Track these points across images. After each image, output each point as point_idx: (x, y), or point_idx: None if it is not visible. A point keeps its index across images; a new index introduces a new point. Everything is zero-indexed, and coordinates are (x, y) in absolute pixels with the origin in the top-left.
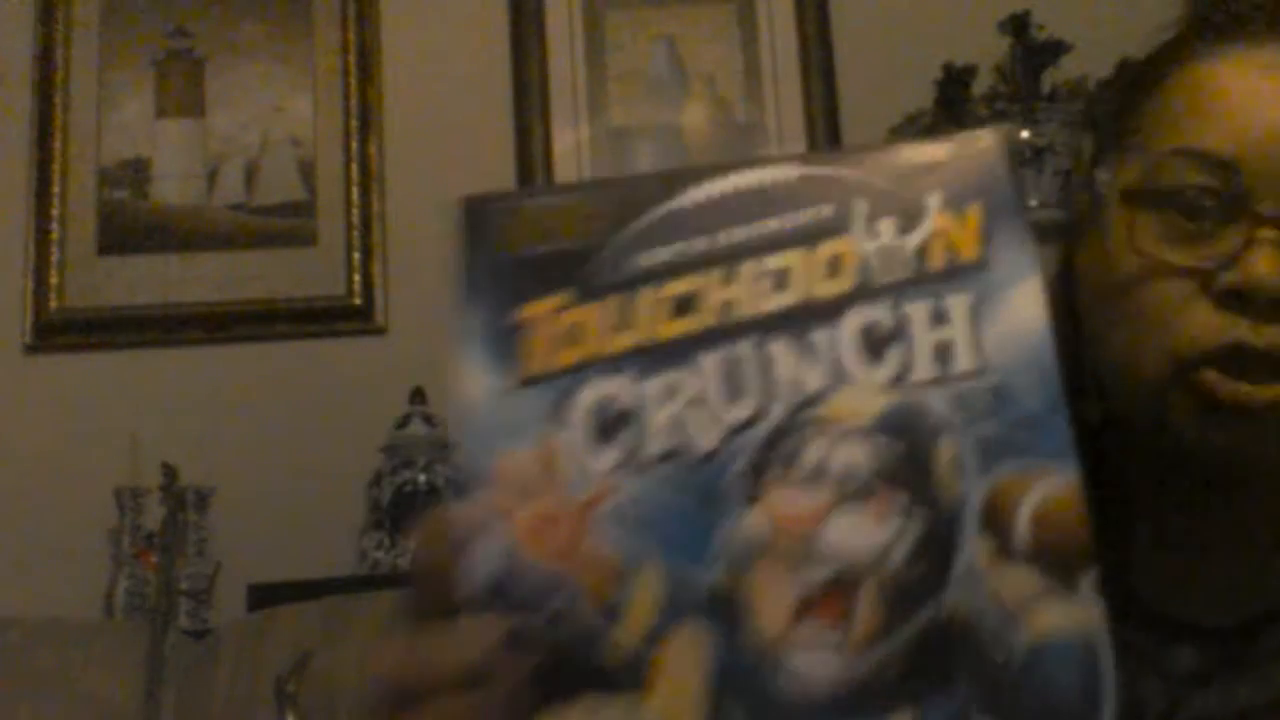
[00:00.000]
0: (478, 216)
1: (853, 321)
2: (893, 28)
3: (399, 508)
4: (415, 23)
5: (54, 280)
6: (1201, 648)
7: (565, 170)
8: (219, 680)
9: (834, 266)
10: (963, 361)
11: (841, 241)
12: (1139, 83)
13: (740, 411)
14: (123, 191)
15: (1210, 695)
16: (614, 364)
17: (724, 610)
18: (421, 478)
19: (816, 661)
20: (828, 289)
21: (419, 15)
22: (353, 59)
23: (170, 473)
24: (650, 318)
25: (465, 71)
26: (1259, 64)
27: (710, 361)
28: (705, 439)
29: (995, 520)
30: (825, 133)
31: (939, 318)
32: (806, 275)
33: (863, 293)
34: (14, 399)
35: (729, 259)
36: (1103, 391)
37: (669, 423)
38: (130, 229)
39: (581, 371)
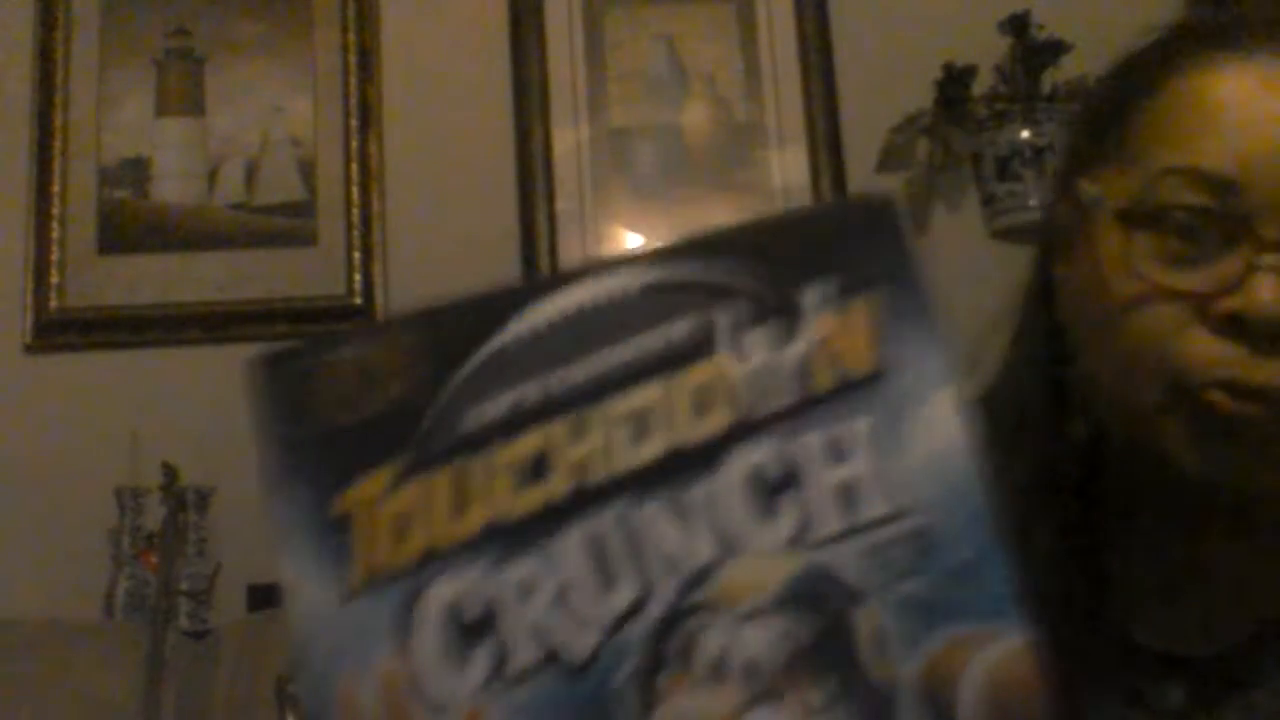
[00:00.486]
0: (278, 380)
1: (735, 469)
2: (893, 28)
3: None
4: (415, 22)
5: (54, 280)
6: (1189, 680)
7: (566, 170)
8: (219, 680)
9: (702, 400)
10: (872, 505)
11: (707, 366)
12: (1127, 91)
13: (617, 601)
14: (123, 191)
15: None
16: (454, 560)
17: None
18: None
19: None
20: (698, 430)
21: (419, 15)
22: (353, 58)
23: (170, 473)
24: (494, 490)
25: (465, 71)
26: (1257, 76)
27: (572, 541)
28: (580, 641)
29: (936, 702)
30: (825, 132)
31: (836, 453)
32: (669, 415)
33: (742, 430)
34: (14, 399)
35: (574, 405)
36: (1088, 409)
37: (535, 625)
38: (130, 228)
39: (425, 567)
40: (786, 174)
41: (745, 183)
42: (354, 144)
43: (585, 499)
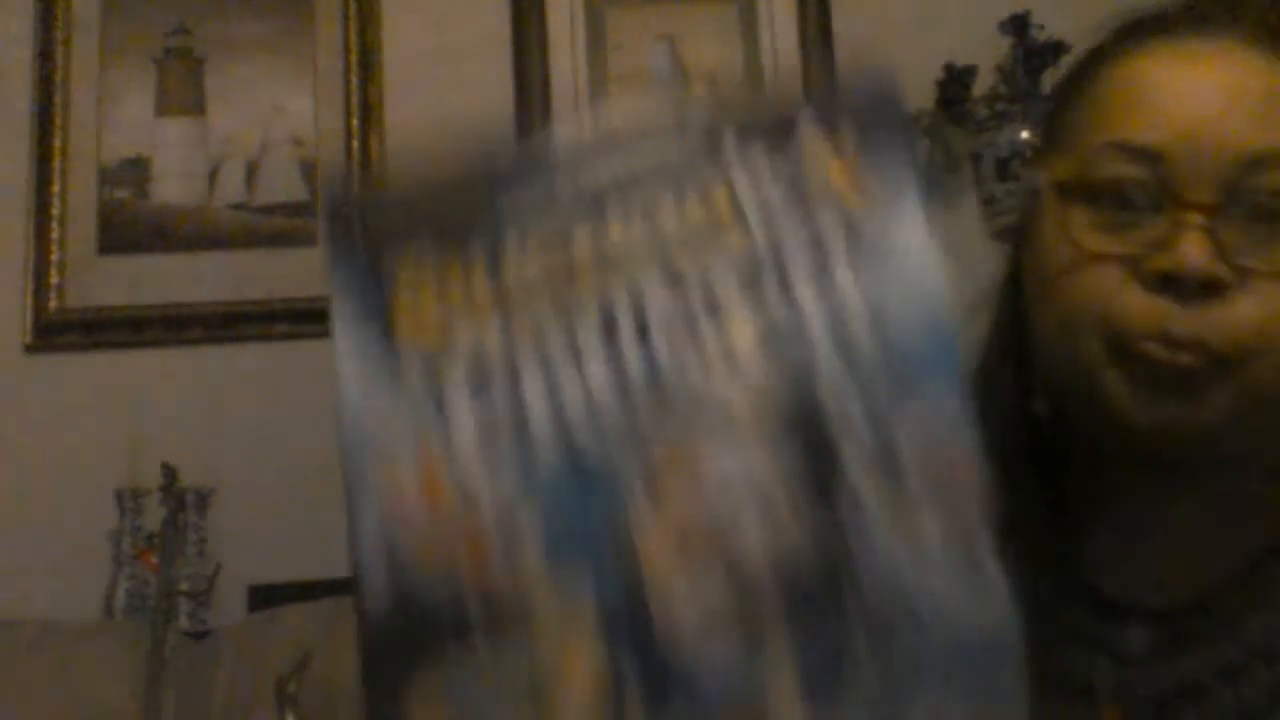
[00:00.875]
0: (342, 202)
1: (729, 253)
2: (893, 28)
3: None
4: (416, 22)
5: (54, 280)
6: (1152, 628)
7: None
8: (219, 681)
9: (706, 199)
10: (848, 301)
11: (715, 174)
12: (1072, 81)
13: (618, 377)
14: (123, 191)
15: (1159, 671)
16: (491, 348)
17: (612, 555)
18: None
19: (697, 597)
20: (703, 236)
21: (420, 14)
22: (354, 58)
23: (170, 473)
24: (528, 280)
25: (466, 71)
26: (1179, 55)
27: (590, 317)
28: (588, 423)
29: (888, 463)
30: None
31: (820, 257)
32: (680, 211)
33: (739, 230)
34: (14, 399)
35: (600, 202)
36: (1047, 382)
37: (551, 409)
38: (130, 229)
39: (458, 345)
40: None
41: None
42: (354, 144)
43: (604, 282)
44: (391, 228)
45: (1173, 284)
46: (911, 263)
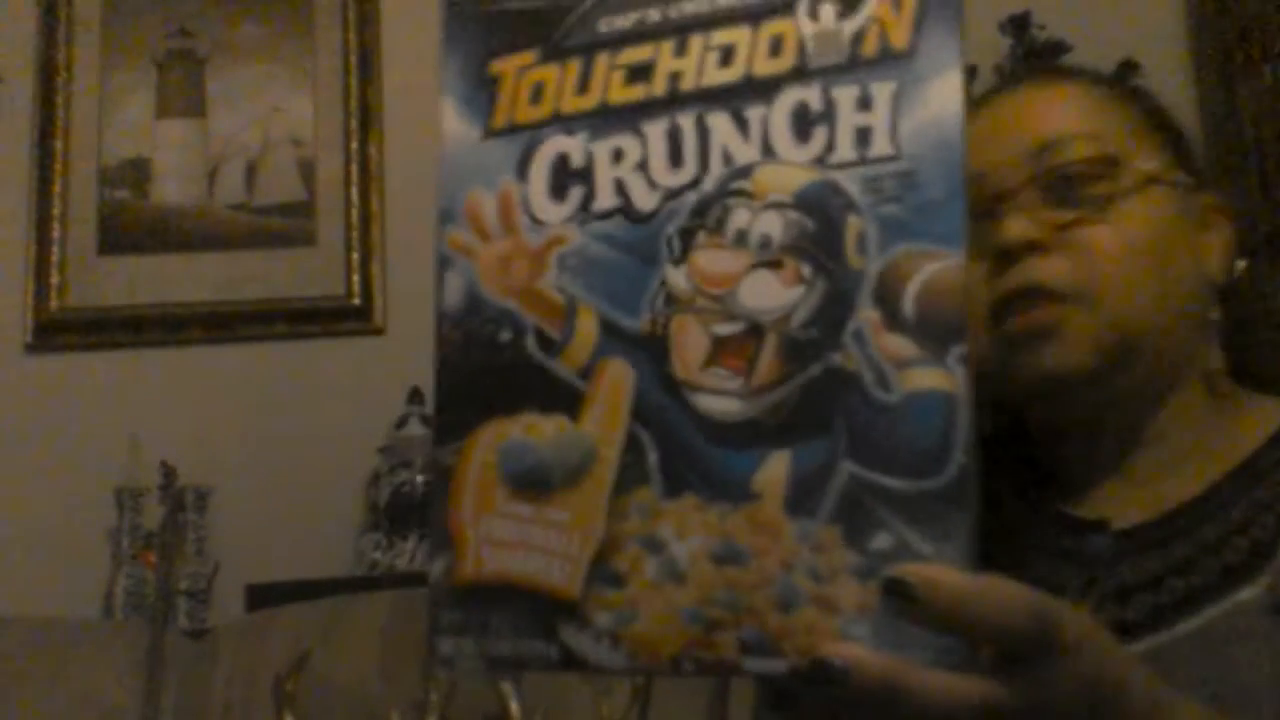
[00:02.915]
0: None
1: (786, 101)
2: None
3: (397, 508)
4: (415, 23)
5: (54, 280)
6: (1114, 539)
7: None
8: (218, 680)
9: (776, 46)
10: (879, 147)
11: (785, 22)
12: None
13: (678, 178)
14: (123, 191)
15: (1122, 570)
16: (571, 124)
17: (649, 352)
18: (419, 478)
19: (720, 400)
20: (767, 68)
21: (419, 16)
22: (353, 59)
23: (170, 473)
24: (606, 83)
25: None
26: (984, 110)
27: (655, 130)
28: (646, 201)
29: (887, 293)
30: None
31: (864, 104)
32: (749, 52)
33: (798, 74)
34: (14, 399)
35: (681, 31)
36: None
37: (615, 183)
38: (130, 229)
39: (543, 129)
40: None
41: None
42: (354, 145)
43: (671, 102)
44: (503, 36)
45: (1008, 255)
46: (944, 127)
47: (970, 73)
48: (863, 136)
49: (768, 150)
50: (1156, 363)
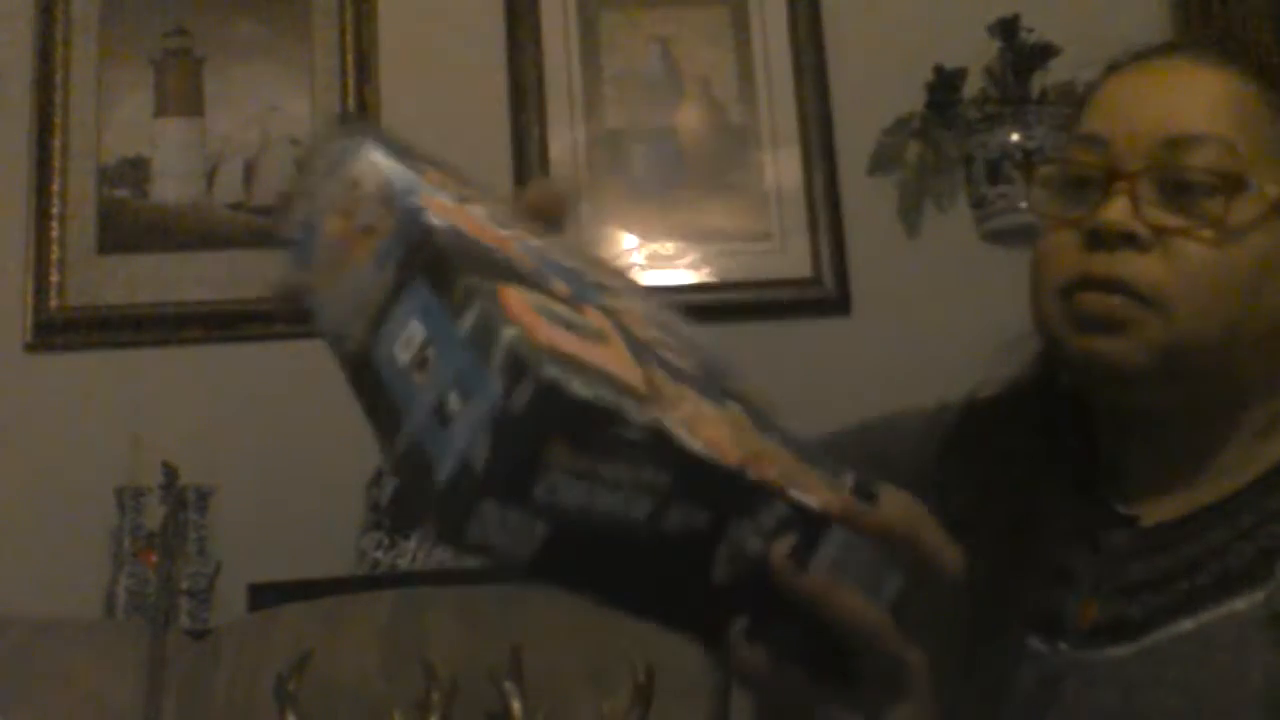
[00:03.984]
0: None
1: None
2: (884, 31)
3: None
4: (412, 23)
5: (54, 280)
6: (1139, 533)
7: (561, 171)
8: (219, 680)
9: None
10: None
11: None
12: (1074, 109)
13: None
14: (122, 191)
15: (1132, 565)
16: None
17: None
18: None
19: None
20: None
21: (416, 16)
22: (350, 59)
23: (170, 472)
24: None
25: (461, 72)
26: (1139, 70)
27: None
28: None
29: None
30: (818, 135)
31: None
32: None
33: None
34: (14, 399)
35: None
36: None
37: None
38: (130, 228)
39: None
40: (779, 176)
41: (739, 184)
42: None
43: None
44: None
45: (1100, 238)
46: None
47: (960, 75)
48: None
49: None
50: (1222, 384)
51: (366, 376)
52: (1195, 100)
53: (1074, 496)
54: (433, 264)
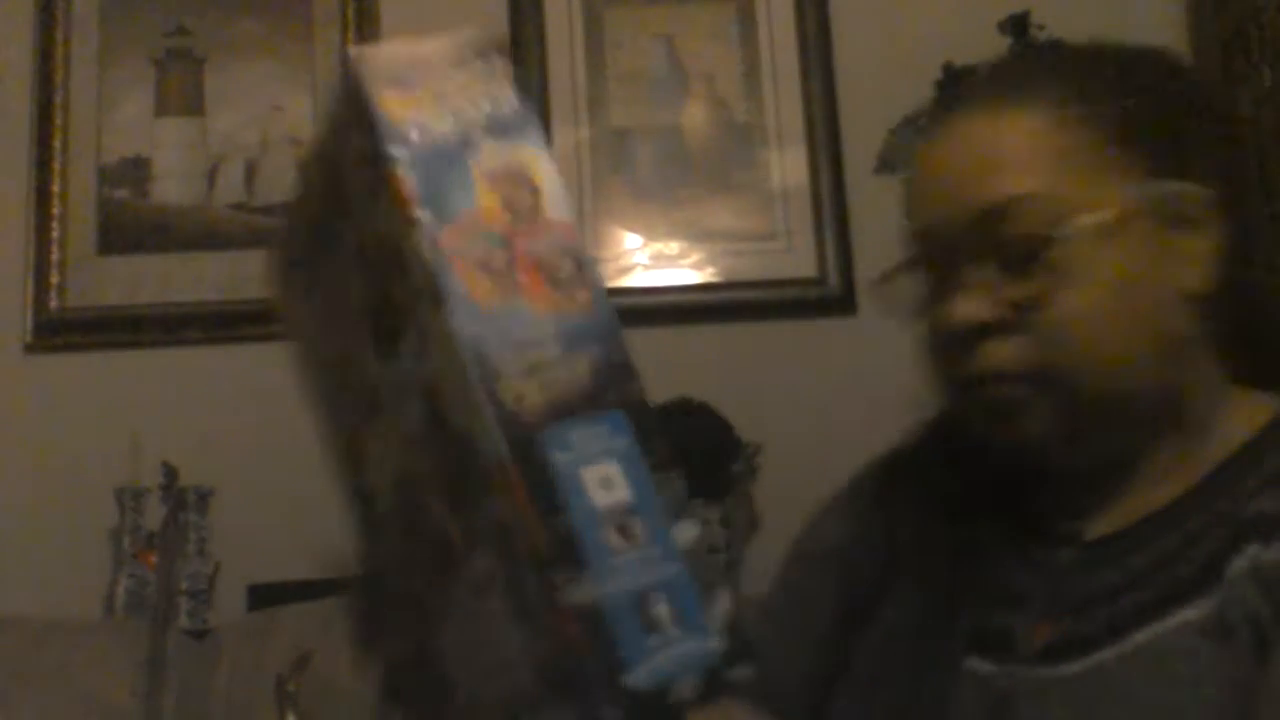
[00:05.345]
0: None
1: None
2: (892, 28)
3: None
4: (414, 22)
5: (54, 280)
6: (1079, 550)
7: (565, 170)
8: (219, 680)
9: None
10: None
11: None
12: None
13: None
14: (123, 191)
15: (1079, 580)
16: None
17: None
18: None
19: None
20: None
21: (418, 14)
22: None
23: (170, 472)
24: None
25: None
26: (939, 138)
27: None
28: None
29: None
30: (825, 133)
31: None
32: None
33: None
34: (14, 399)
35: None
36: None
37: None
38: (130, 229)
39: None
40: (786, 174)
41: (744, 183)
42: None
43: None
44: None
45: (959, 338)
46: None
47: (969, 73)
48: None
49: None
50: (1134, 406)
51: (521, 443)
52: (1000, 157)
53: (1010, 517)
54: (639, 409)
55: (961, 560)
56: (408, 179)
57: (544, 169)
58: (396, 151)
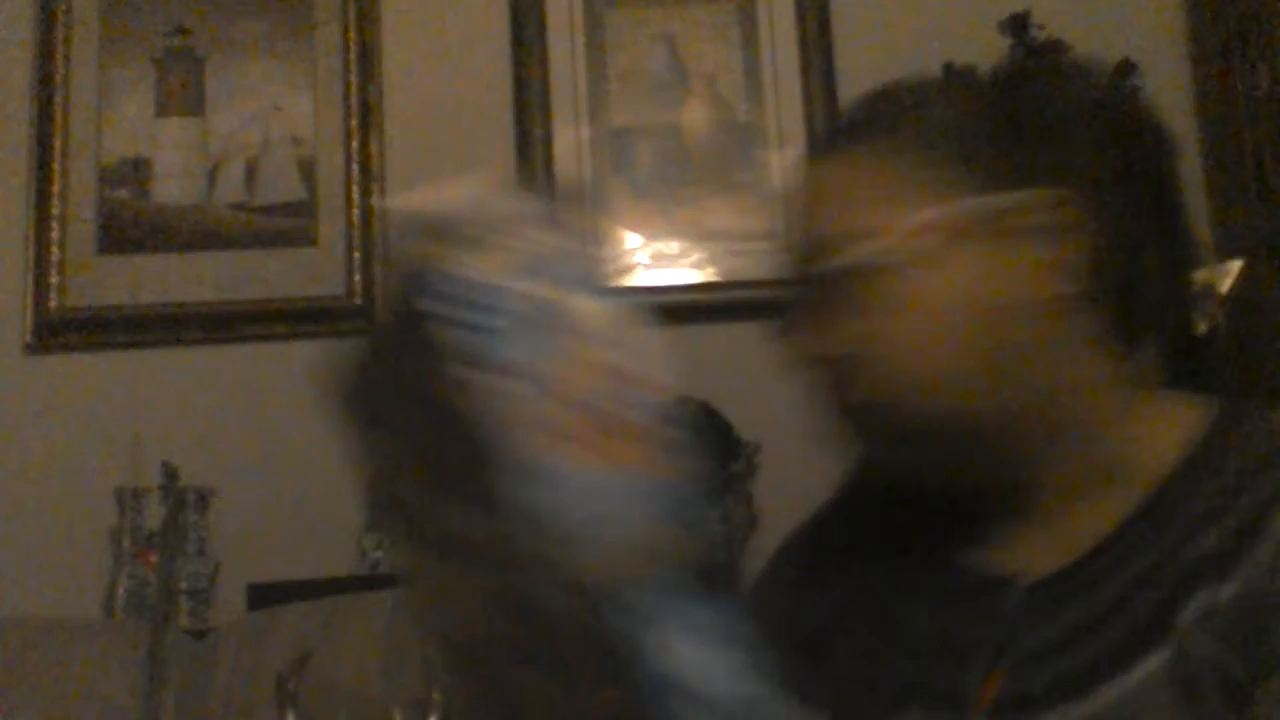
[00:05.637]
0: None
1: None
2: (893, 28)
3: None
4: (416, 21)
5: (54, 280)
6: (1025, 594)
7: (566, 170)
8: (219, 680)
9: None
10: None
11: None
12: None
13: None
14: (123, 191)
15: (1031, 630)
16: None
17: None
18: None
19: None
20: None
21: (419, 13)
22: (353, 57)
23: (170, 472)
24: None
25: (466, 70)
26: (811, 174)
27: None
28: None
29: None
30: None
31: None
32: None
33: None
34: (14, 399)
35: None
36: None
37: None
38: (130, 229)
39: None
40: (786, 174)
41: (745, 183)
42: (354, 144)
43: None
44: None
45: (827, 373)
46: None
47: (970, 73)
48: None
49: None
50: (992, 422)
51: (581, 605)
52: (829, 196)
53: (945, 563)
54: (711, 572)
55: (895, 611)
56: (484, 342)
57: (627, 327)
58: (472, 315)
